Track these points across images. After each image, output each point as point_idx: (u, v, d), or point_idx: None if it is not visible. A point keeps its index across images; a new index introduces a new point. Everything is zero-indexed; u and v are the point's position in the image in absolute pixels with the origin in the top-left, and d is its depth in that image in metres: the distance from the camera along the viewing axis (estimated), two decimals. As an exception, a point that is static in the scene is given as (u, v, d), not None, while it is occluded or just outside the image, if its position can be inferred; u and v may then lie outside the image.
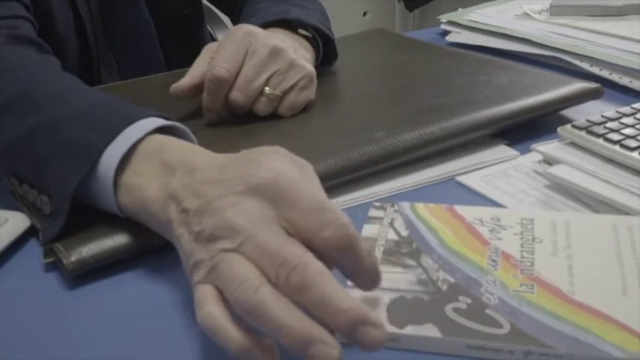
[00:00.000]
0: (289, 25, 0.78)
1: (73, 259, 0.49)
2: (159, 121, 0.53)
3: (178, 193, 0.46)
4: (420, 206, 0.54)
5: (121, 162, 0.50)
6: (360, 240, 0.41)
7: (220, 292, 0.41)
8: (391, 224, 0.52)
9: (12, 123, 0.56)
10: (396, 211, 0.54)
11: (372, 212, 0.54)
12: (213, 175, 0.45)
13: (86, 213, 0.53)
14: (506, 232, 0.50)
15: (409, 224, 0.52)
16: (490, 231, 0.50)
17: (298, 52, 0.71)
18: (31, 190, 0.55)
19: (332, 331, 0.38)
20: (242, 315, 0.39)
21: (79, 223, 0.52)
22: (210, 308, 0.40)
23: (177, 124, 0.54)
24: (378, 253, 0.48)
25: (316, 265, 0.39)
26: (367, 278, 0.42)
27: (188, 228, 0.44)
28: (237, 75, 0.67)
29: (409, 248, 0.49)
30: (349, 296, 0.38)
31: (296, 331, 0.37)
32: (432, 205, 0.54)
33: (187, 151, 0.50)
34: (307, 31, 0.78)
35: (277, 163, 0.44)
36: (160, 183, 0.48)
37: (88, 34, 0.89)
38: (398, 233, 0.51)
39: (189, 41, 1.02)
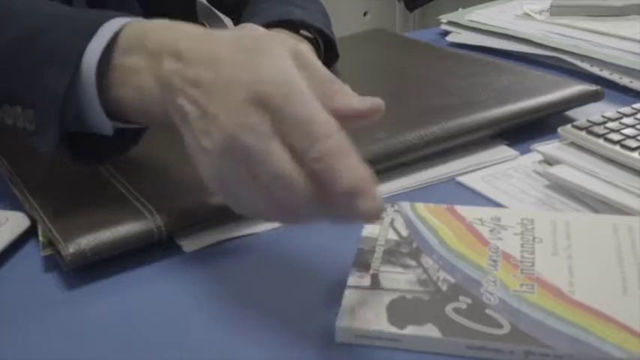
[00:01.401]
0: (292, 25, 0.78)
1: (71, 250, 0.49)
2: (132, 18, 0.52)
3: (171, 81, 0.45)
4: (420, 206, 0.54)
5: (103, 55, 0.49)
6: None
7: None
8: (391, 224, 0.52)
9: None
10: (396, 211, 0.54)
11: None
12: (219, 53, 0.45)
13: (87, 205, 0.53)
14: (506, 232, 0.50)
15: (409, 224, 0.52)
16: (490, 231, 0.51)
17: None
18: (12, 108, 0.52)
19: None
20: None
21: (77, 214, 0.53)
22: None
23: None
24: (379, 253, 0.49)
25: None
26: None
27: (199, 119, 0.43)
28: None
29: (409, 248, 0.49)
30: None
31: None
32: (432, 205, 0.54)
33: (164, 30, 0.49)
34: (309, 32, 0.78)
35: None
36: (153, 70, 0.47)
37: None
38: (398, 233, 0.51)
39: None
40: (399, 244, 0.50)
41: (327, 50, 0.80)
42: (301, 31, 0.78)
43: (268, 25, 0.76)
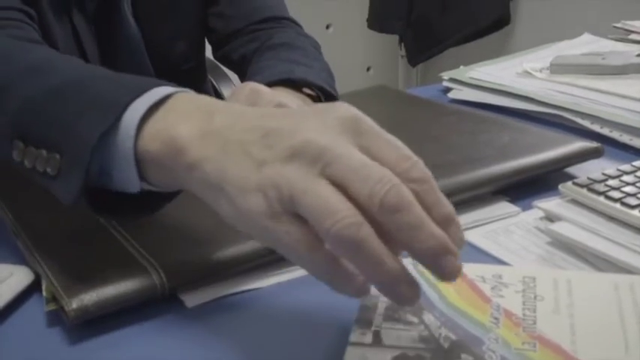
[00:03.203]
0: (294, 84, 0.79)
1: (74, 306, 0.50)
2: (184, 89, 0.51)
3: (225, 132, 0.44)
4: None
5: (146, 113, 0.47)
6: None
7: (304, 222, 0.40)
8: None
9: (31, 85, 0.55)
10: (399, 268, 0.54)
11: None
12: (272, 111, 0.45)
13: (91, 260, 0.54)
14: (507, 290, 0.51)
15: None
16: (492, 288, 0.51)
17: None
18: (38, 150, 0.51)
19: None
20: (337, 250, 0.39)
21: (81, 269, 0.53)
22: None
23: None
24: (381, 310, 0.49)
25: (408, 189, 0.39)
26: (443, 221, 0.41)
27: (245, 158, 0.42)
28: None
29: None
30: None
31: (392, 271, 0.39)
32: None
33: (228, 103, 0.48)
34: (311, 89, 0.80)
35: (352, 107, 0.44)
36: (198, 124, 0.45)
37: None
38: None
39: None
40: None
41: None
42: (304, 89, 0.79)
43: (270, 84, 0.77)
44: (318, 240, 0.40)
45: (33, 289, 0.56)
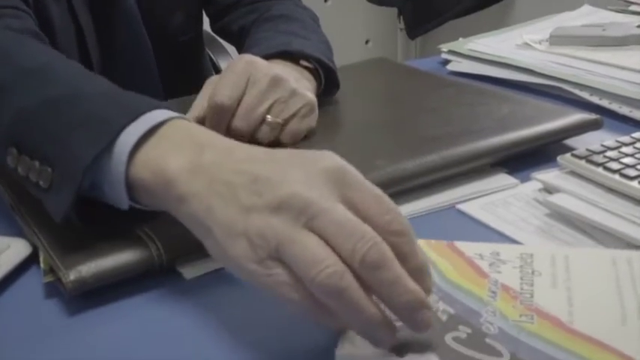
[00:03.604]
0: (291, 56, 0.79)
1: (72, 277, 0.50)
2: (178, 114, 0.53)
3: (214, 170, 0.45)
4: (421, 242, 0.54)
5: (140, 139, 0.49)
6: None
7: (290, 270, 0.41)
8: None
9: (27, 93, 0.56)
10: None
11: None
12: (260, 155, 0.46)
13: (86, 230, 0.54)
14: (505, 266, 0.51)
15: None
16: (490, 265, 0.51)
17: (299, 82, 0.72)
18: (31, 161, 0.53)
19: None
20: (321, 295, 0.40)
21: (78, 241, 0.53)
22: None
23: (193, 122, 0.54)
24: None
25: (387, 246, 0.41)
26: (417, 272, 0.42)
27: (231, 200, 0.43)
28: (238, 104, 0.68)
29: None
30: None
31: (372, 317, 0.41)
32: (433, 241, 0.54)
33: (216, 136, 0.50)
34: (309, 62, 0.79)
35: (337, 157, 0.45)
36: (188, 157, 0.47)
37: (89, 47, 0.89)
38: None
39: (188, 68, 1.03)
40: None
41: (328, 80, 0.81)
42: (301, 62, 0.79)
43: (267, 56, 0.77)
44: (301, 282, 0.41)
45: (31, 261, 0.56)
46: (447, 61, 1.04)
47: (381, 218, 0.42)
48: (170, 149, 0.49)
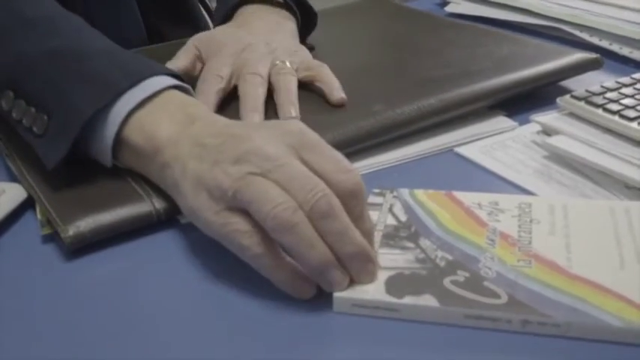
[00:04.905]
0: None
1: (70, 233, 0.49)
2: (177, 82, 0.55)
3: (196, 136, 0.48)
4: (419, 192, 0.54)
5: (138, 104, 0.52)
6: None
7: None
8: (390, 210, 0.52)
9: (28, 40, 0.57)
10: (395, 197, 0.54)
11: (372, 198, 0.53)
12: (238, 123, 0.51)
13: (85, 185, 0.53)
14: (504, 215, 0.51)
15: (408, 209, 0.52)
16: (488, 214, 0.51)
17: (273, 41, 0.71)
18: (27, 106, 0.55)
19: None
20: (274, 233, 0.43)
21: (75, 194, 0.53)
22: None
23: (191, 90, 0.57)
24: (377, 238, 0.49)
25: (338, 199, 0.43)
26: (364, 236, 0.44)
27: (203, 158, 0.46)
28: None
29: (408, 232, 0.49)
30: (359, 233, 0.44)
31: (323, 255, 0.42)
32: (431, 191, 0.54)
33: (208, 110, 0.53)
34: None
35: (301, 124, 0.48)
36: (178, 127, 0.50)
37: None
38: (397, 218, 0.51)
39: (173, 11, 1.00)
40: (397, 228, 0.50)
41: (304, 15, 0.79)
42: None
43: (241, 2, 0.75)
44: (256, 229, 0.43)
45: (27, 205, 0.55)
46: (445, 3, 1.02)
47: (334, 177, 0.44)
48: (163, 117, 0.52)
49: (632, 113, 0.58)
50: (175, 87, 0.55)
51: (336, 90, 0.65)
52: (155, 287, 0.47)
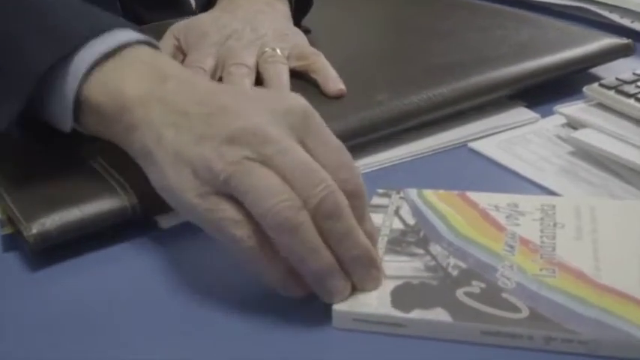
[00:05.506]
0: None
1: (34, 231, 0.48)
2: (145, 37, 0.53)
3: (173, 99, 0.47)
4: (428, 193, 0.54)
5: (101, 58, 0.50)
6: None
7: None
8: (396, 212, 0.52)
9: None
10: (401, 198, 0.53)
11: (376, 200, 0.53)
12: (222, 88, 0.48)
13: (51, 178, 0.53)
14: (524, 218, 0.50)
15: (416, 211, 0.52)
16: (507, 217, 0.50)
17: (262, 26, 0.71)
18: None
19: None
20: (272, 231, 0.41)
21: (40, 188, 0.52)
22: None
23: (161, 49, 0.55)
24: (382, 244, 0.48)
25: (344, 197, 0.43)
26: (367, 236, 0.44)
27: (185, 129, 0.45)
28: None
29: (416, 237, 0.49)
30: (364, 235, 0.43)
31: (326, 261, 0.42)
32: (441, 191, 0.53)
33: (183, 68, 0.51)
34: None
35: (303, 100, 0.46)
36: (149, 84, 0.48)
37: None
38: (404, 222, 0.51)
39: None
40: (404, 233, 0.50)
41: None
42: None
43: None
44: (248, 219, 0.42)
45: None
46: (458, -19, 1.02)
47: (336, 174, 0.43)
48: (130, 74, 0.49)
49: (667, 104, 0.58)
50: (144, 43, 0.53)
51: (332, 81, 0.65)
52: (129, 301, 0.46)
